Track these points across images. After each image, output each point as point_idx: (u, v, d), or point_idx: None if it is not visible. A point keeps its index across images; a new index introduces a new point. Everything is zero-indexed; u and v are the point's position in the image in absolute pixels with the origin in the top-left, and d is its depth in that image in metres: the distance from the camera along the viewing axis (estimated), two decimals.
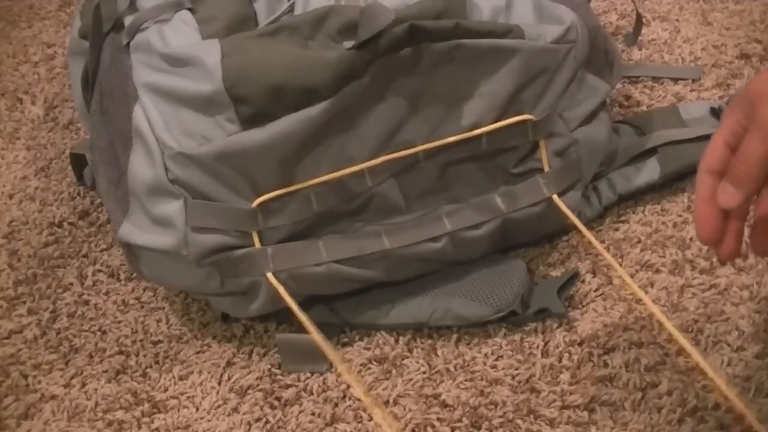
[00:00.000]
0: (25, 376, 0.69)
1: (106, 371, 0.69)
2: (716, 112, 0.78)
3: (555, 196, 0.66)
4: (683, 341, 0.53)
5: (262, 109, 0.59)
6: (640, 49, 0.90)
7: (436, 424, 0.61)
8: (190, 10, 0.66)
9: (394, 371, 0.65)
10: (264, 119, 0.59)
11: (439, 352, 0.66)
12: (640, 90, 0.85)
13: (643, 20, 0.90)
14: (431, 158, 0.64)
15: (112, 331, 0.72)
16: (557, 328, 0.66)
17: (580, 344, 0.65)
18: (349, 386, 0.64)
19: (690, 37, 0.91)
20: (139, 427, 0.64)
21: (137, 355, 0.69)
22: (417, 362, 0.65)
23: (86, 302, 0.74)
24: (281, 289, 0.61)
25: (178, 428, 0.64)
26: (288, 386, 0.65)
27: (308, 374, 0.66)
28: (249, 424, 0.63)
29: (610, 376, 0.62)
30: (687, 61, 0.88)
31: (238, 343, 0.69)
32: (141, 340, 0.71)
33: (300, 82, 0.58)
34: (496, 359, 0.65)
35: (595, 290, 0.68)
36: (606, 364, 0.63)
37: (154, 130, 0.60)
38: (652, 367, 0.62)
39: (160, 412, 0.65)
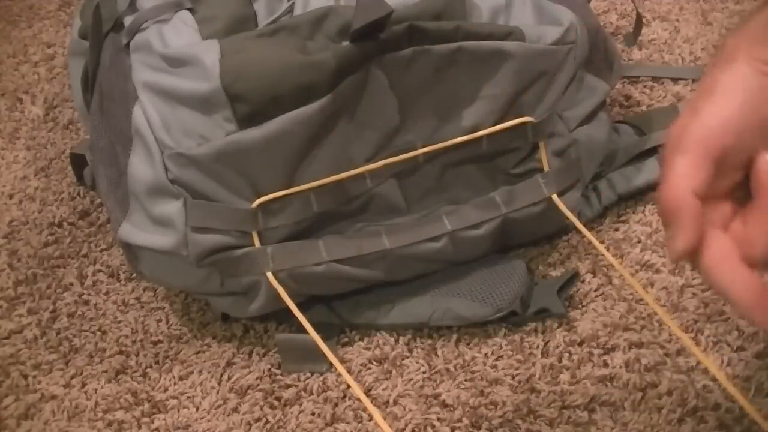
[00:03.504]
0: (25, 376, 0.69)
1: (106, 371, 0.69)
2: None
3: (554, 196, 0.66)
4: (686, 339, 0.53)
5: (259, 108, 0.58)
6: (640, 49, 0.90)
7: (436, 424, 0.61)
8: (189, 10, 0.66)
9: (394, 371, 0.65)
10: (261, 119, 0.59)
11: (439, 352, 0.66)
12: (640, 90, 0.85)
13: (643, 20, 0.90)
14: (431, 160, 0.64)
15: (112, 331, 0.72)
16: (557, 328, 0.66)
17: (580, 344, 0.65)
18: (349, 386, 0.64)
19: (690, 37, 0.91)
20: (139, 427, 0.64)
21: (137, 355, 0.69)
22: (417, 362, 0.65)
23: (86, 302, 0.74)
24: (281, 290, 0.61)
25: (178, 428, 0.64)
26: (288, 386, 0.65)
27: (308, 374, 0.66)
28: (249, 424, 0.63)
29: (610, 376, 0.62)
30: (687, 61, 0.88)
31: (238, 343, 0.69)
32: (141, 340, 0.71)
33: (297, 80, 0.58)
34: (496, 359, 0.65)
35: (595, 290, 0.68)
36: (606, 364, 0.63)
37: (154, 130, 0.60)
38: (652, 367, 0.62)
39: (160, 412, 0.65)
